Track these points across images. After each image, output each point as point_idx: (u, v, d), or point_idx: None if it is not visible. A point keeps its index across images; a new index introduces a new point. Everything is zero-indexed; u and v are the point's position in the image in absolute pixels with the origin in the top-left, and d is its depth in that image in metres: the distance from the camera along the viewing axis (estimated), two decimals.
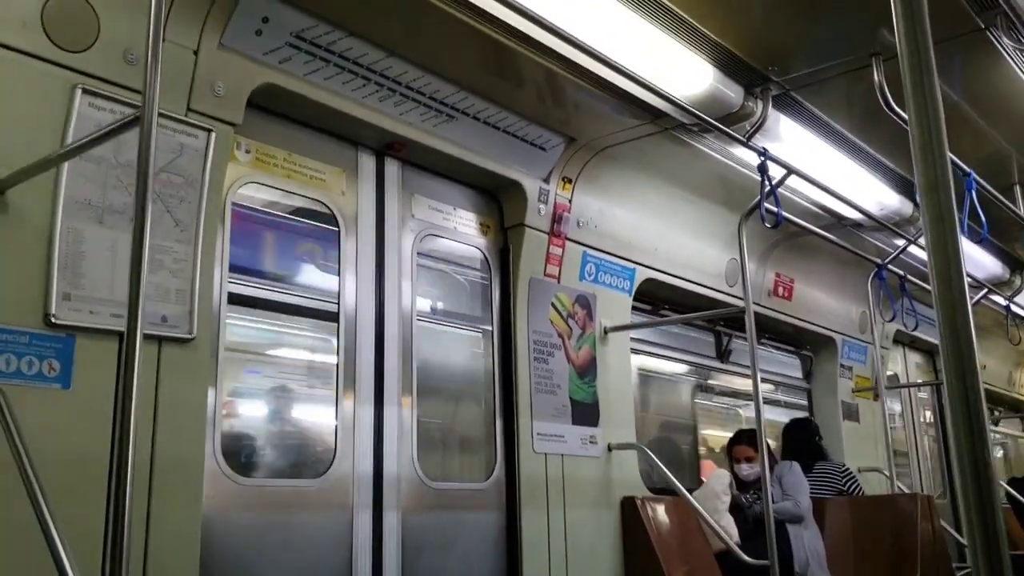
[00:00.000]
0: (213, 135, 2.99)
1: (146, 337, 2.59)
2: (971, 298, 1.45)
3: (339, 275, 3.66)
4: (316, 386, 3.65)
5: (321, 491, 3.41)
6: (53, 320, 2.56)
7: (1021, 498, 8.06)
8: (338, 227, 3.69)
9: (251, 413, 3.52)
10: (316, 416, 3.64)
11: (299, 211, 3.64)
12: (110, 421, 2.58)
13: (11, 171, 2.46)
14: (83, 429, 2.58)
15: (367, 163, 3.87)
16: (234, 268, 3.31)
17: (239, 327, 3.42)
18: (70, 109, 2.66)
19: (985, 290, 6.64)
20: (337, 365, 3.57)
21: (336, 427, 3.51)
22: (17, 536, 2.31)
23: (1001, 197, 5.11)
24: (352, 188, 3.78)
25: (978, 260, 6.77)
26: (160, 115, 2.13)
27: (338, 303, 3.64)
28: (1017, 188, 5.77)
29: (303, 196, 3.61)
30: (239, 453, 3.30)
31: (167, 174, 2.86)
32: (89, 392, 2.61)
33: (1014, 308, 7.65)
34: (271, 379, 3.61)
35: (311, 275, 3.74)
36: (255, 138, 3.42)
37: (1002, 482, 8.71)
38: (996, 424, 10.47)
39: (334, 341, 3.61)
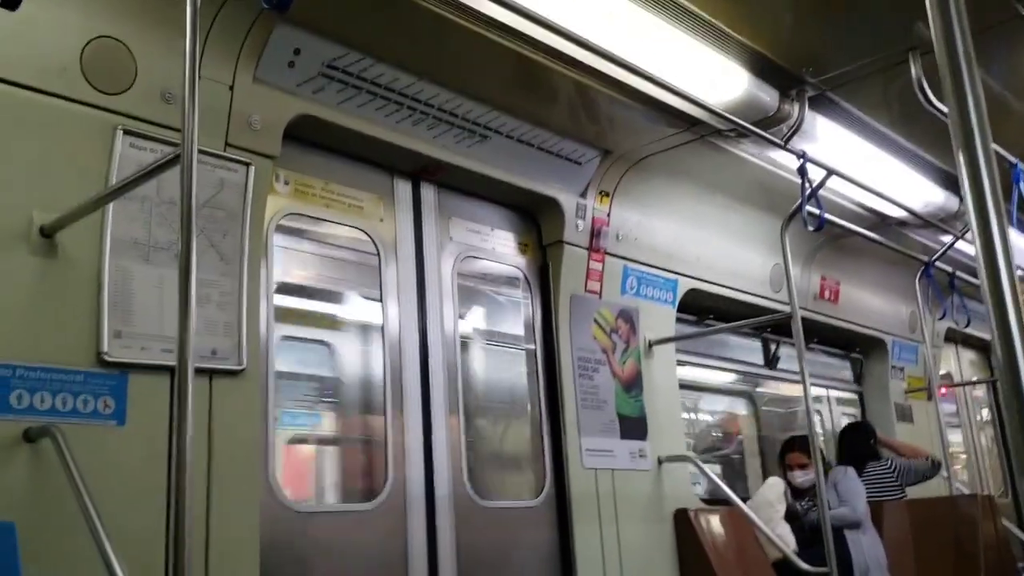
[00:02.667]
0: (252, 168, 3.04)
1: (197, 371, 2.62)
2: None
3: (381, 301, 3.68)
4: (364, 411, 3.66)
5: (375, 515, 3.42)
6: (106, 358, 2.60)
7: None
8: (378, 253, 3.71)
9: (302, 440, 3.55)
10: (365, 440, 3.65)
11: (339, 239, 3.67)
12: (166, 455, 2.62)
13: (59, 215, 2.52)
14: (139, 464, 2.61)
15: (403, 189, 3.90)
16: (279, 298, 3.34)
17: (287, 355, 3.45)
18: (112, 150, 2.72)
19: None
20: (384, 389, 3.59)
21: (386, 451, 3.52)
22: (78, 572, 2.34)
23: None
24: (390, 214, 3.81)
25: None
26: (199, 152, 2.16)
27: (382, 328, 3.65)
28: None
29: (342, 224, 3.64)
30: (293, 480, 3.33)
31: (210, 209, 2.91)
32: (144, 427, 2.64)
33: None
34: (319, 405, 3.64)
35: (354, 302, 3.77)
36: (293, 169, 3.46)
37: None
38: None
39: (380, 365, 3.62)
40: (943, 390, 7.10)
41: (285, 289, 3.46)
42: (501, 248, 4.28)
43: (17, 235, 2.50)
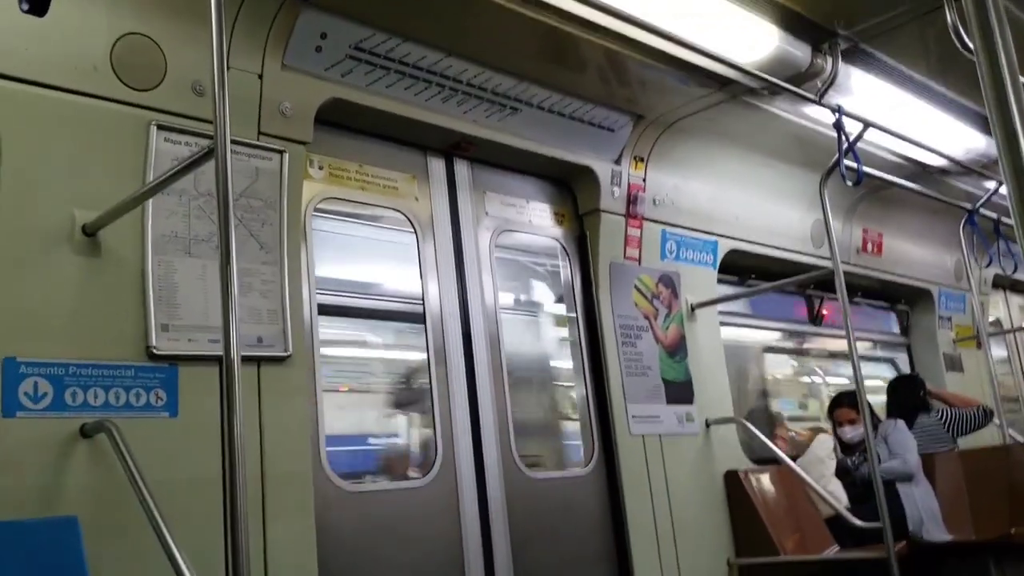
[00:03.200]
0: (286, 156, 3.06)
1: (244, 359, 2.66)
2: None
3: (421, 278, 3.70)
4: (410, 388, 3.70)
5: (427, 491, 3.46)
6: (155, 352, 2.65)
7: None
8: (415, 232, 3.73)
9: (351, 420, 3.59)
10: (414, 417, 3.69)
11: (376, 220, 3.69)
12: (219, 443, 2.67)
13: (99, 213, 2.56)
14: (193, 454, 2.67)
15: (436, 166, 3.90)
16: (321, 282, 3.37)
17: (330, 340, 3.49)
18: (147, 146, 2.75)
19: None
20: (428, 365, 3.62)
21: (435, 426, 3.56)
22: (141, 562, 2.40)
23: None
24: (424, 193, 3.82)
25: None
26: (233, 142, 2.19)
27: (423, 306, 3.67)
28: None
29: (378, 206, 3.65)
30: (344, 461, 3.38)
31: (246, 199, 2.93)
32: (196, 417, 2.69)
33: None
34: (367, 385, 3.69)
35: (394, 282, 3.79)
36: (327, 154, 3.48)
37: None
38: None
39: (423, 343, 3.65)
40: None
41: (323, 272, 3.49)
42: (537, 220, 4.27)
43: (61, 235, 2.55)
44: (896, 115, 4.59)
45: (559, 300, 4.37)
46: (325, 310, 3.38)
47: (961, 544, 4.89)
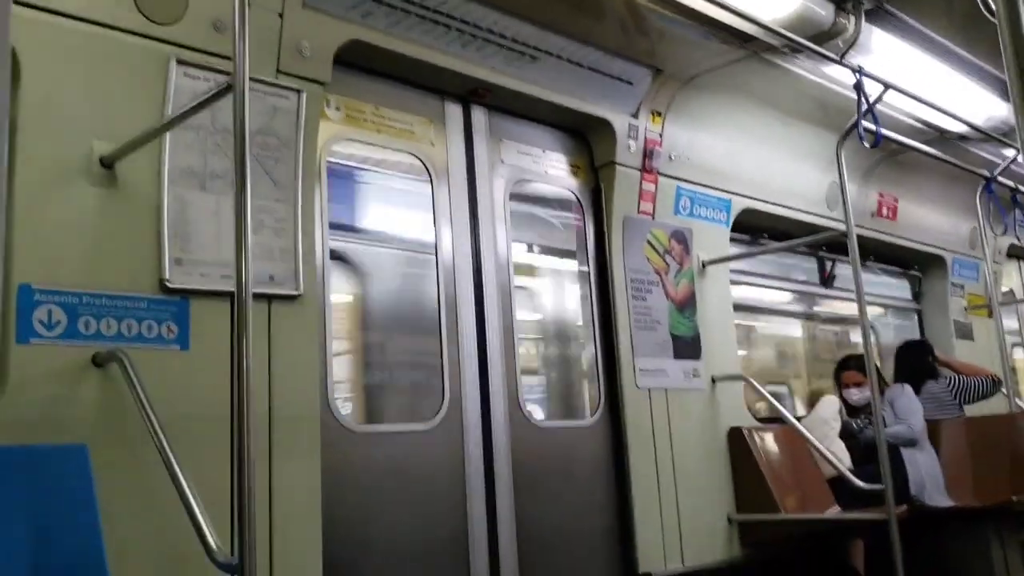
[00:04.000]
0: (304, 95, 3.06)
1: (255, 296, 2.68)
2: None
3: (434, 224, 3.71)
4: (420, 333, 3.72)
5: (433, 434, 3.51)
6: (168, 285, 2.68)
7: None
8: (430, 177, 3.73)
9: (360, 362, 3.63)
10: (423, 362, 3.72)
11: (391, 164, 3.69)
12: (228, 379, 2.70)
13: (117, 145, 2.58)
14: (203, 387, 2.71)
15: (454, 112, 3.89)
16: (334, 224, 3.39)
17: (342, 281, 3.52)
18: (167, 81, 2.75)
19: None
20: (439, 311, 3.64)
21: (443, 372, 3.59)
22: (149, 492, 2.46)
23: None
24: (440, 138, 3.81)
25: None
26: (251, 80, 2.19)
27: (435, 252, 3.69)
28: None
29: (394, 149, 3.65)
30: (352, 402, 3.42)
31: (263, 136, 2.94)
32: (206, 352, 2.73)
33: None
34: (377, 329, 3.72)
35: (407, 226, 3.81)
36: (344, 95, 3.47)
37: None
38: None
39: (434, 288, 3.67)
40: None
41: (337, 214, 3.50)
42: (553, 170, 4.26)
43: (78, 166, 2.57)
44: (917, 78, 4.54)
45: (572, 251, 4.37)
46: (336, 254, 3.40)
47: (962, 510, 4.93)
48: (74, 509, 2.27)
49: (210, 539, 2.10)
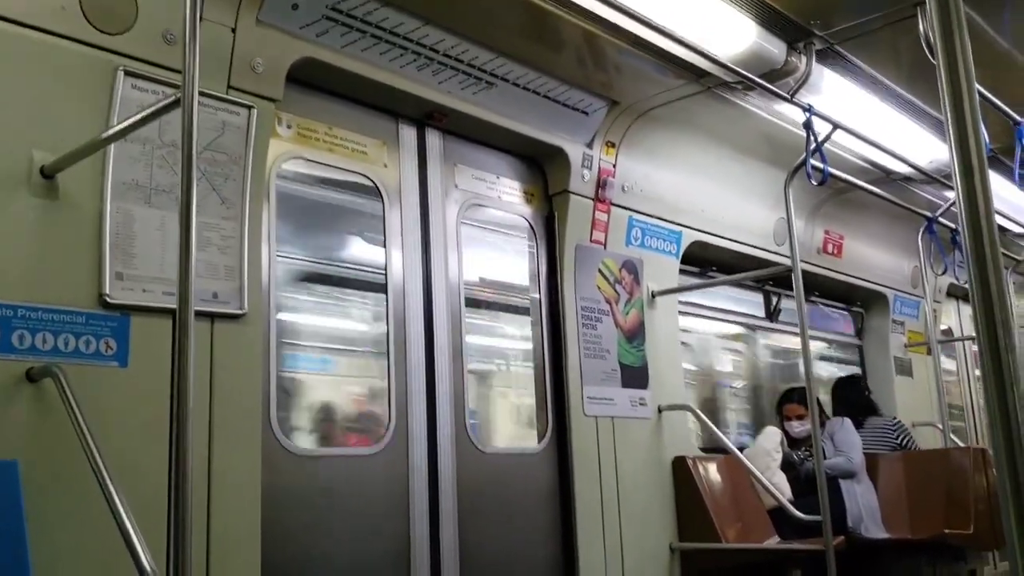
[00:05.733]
0: (255, 112, 3.02)
1: (199, 314, 2.65)
2: None
3: (385, 247, 3.69)
4: (368, 356, 3.69)
5: (377, 459, 3.46)
6: (108, 300, 2.62)
7: None
8: (382, 199, 3.71)
9: (305, 384, 3.59)
10: (369, 386, 3.68)
11: (343, 185, 3.66)
12: (167, 397, 2.64)
13: (59, 156, 2.52)
14: (142, 405, 2.64)
15: (408, 134, 3.88)
16: (282, 243, 3.35)
17: (289, 300, 3.47)
18: (113, 92, 2.70)
19: None
20: (388, 335, 3.61)
21: (389, 396, 3.55)
22: (83, 510, 2.39)
23: None
24: (394, 160, 3.79)
25: None
26: (201, 94, 2.16)
27: (385, 275, 3.66)
28: None
29: (346, 170, 3.63)
30: (294, 424, 3.37)
31: (211, 152, 2.90)
32: (146, 369, 2.67)
33: None
34: (323, 351, 3.68)
35: (357, 248, 3.78)
36: (296, 113, 3.44)
37: None
38: None
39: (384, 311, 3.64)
40: None
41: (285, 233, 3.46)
42: (507, 197, 4.27)
43: (18, 175, 2.50)
44: (865, 119, 4.63)
45: (523, 278, 4.37)
46: (283, 274, 3.36)
47: (897, 542, 5.01)
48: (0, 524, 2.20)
49: (143, 559, 2.04)
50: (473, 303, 4.07)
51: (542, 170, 4.41)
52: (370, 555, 3.38)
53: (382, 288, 3.65)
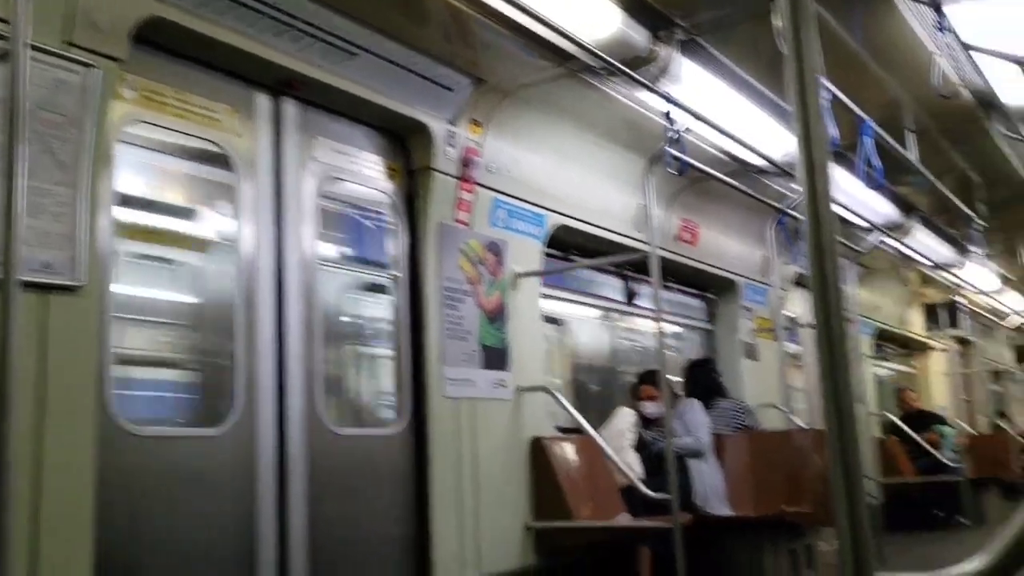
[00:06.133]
0: (96, 71, 2.83)
1: (29, 285, 2.47)
2: (869, 242, 1.46)
3: (236, 219, 3.54)
4: (214, 333, 3.54)
5: (221, 440, 3.33)
6: None
7: (907, 429, 8.85)
8: (234, 170, 3.55)
9: (147, 360, 3.42)
10: (214, 363, 3.53)
11: (192, 152, 3.49)
12: None
13: None
14: None
15: (263, 103, 3.71)
16: (123, 211, 3.16)
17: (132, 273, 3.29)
18: None
19: (881, 234, 6.86)
20: (234, 311, 3.47)
21: (233, 374, 3.41)
22: None
23: (895, 143, 5.24)
24: (248, 129, 3.64)
25: (875, 206, 6.98)
26: (34, 48, 2.00)
27: (235, 249, 3.52)
28: (910, 135, 5.95)
29: (196, 137, 3.45)
30: (134, 402, 3.21)
31: (46, 112, 2.70)
32: None
33: (905, 251, 7.95)
34: (166, 326, 3.51)
35: (206, 220, 3.62)
36: (143, 75, 3.24)
37: (890, 415, 9.18)
38: (887, 360, 10.97)
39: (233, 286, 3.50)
40: None
41: (129, 202, 3.28)
42: (368, 171, 4.17)
43: None
44: (723, 111, 4.77)
45: (383, 256, 4.29)
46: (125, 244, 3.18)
47: (740, 519, 5.22)
48: None
49: None
50: (330, 280, 3.97)
51: (405, 146, 4.33)
52: (211, 538, 3.26)
53: (232, 262, 3.50)
